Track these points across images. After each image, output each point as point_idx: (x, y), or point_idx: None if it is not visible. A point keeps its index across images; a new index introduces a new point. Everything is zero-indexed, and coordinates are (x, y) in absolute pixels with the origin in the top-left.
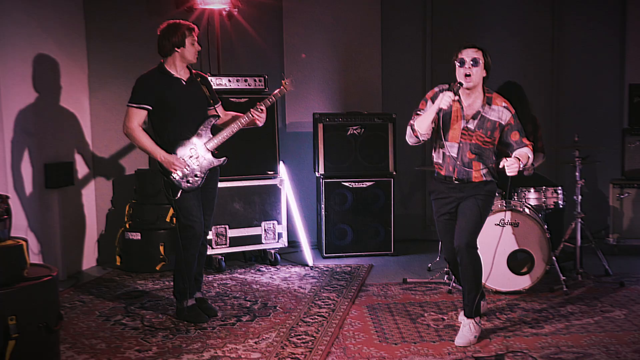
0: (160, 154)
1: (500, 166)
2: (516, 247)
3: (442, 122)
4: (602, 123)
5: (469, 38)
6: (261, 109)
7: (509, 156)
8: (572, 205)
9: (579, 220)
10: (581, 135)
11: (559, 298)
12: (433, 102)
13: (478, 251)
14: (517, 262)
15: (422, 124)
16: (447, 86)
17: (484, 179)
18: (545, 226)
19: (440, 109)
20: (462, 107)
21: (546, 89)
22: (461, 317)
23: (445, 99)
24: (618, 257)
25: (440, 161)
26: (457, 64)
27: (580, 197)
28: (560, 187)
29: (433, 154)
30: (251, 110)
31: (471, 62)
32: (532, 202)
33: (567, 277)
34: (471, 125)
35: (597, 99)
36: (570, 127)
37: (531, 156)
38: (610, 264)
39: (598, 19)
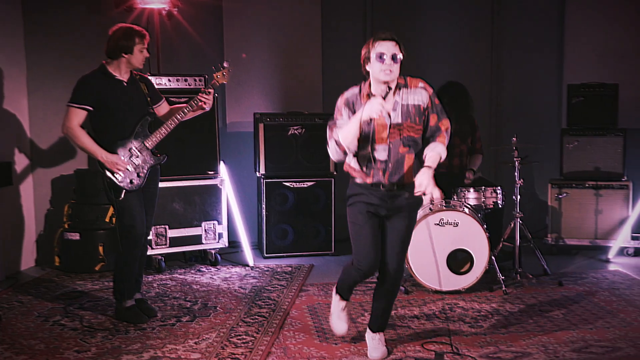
0: (101, 153)
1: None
2: (456, 247)
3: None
4: (541, 123)
5: (410, 37)
6: (209, 92)
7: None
8: (511, 205)
9: (518, 219)
10: (520, 136)
11: (498, 297)
12: (350, 110)
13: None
14: (457, 261)
15: (347, 137)
16: (357, 89)
17: (413, 179)
18: (485, 226)
19: (370, 119)
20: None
21: (485, 89)
22: (370, 333)
23: (375, 107)
24: (556, 257)
25: (365, 168)
26: (375, 57)
27: (519, 197)
28: (499, 187)
29: (350, 162)
30: (199, 95)
31: (392, 58)
32: (472, 202)
33: (506, 276)
34: (398, 120)
35: (536, 99)
36: (510, 128)
37: (443, 154)
38: (548, 263)
39: (537, 19)
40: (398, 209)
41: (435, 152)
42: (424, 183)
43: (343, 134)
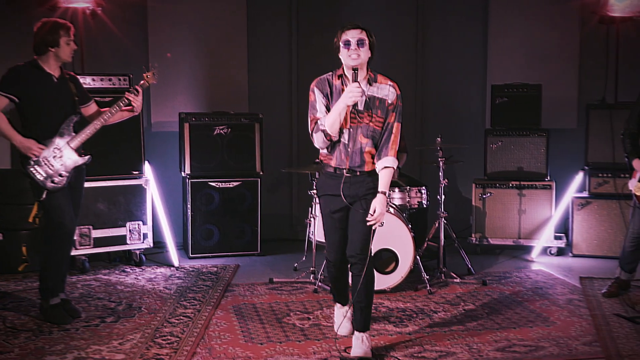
0: (17, 138)
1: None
2: (381, 247)
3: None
4: (466, 123)
5: (335, 35)
6: (137, 91)
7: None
8: (436, 204)
9: (442, 219)
10: (446, 136)
11: (423, 297)
12: (322, 92)
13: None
14: (382, 261)
15: (334, 125)
16: (330, 74)
17: (374, 167)
18: (410, 225)
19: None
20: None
21: (411, 89)
22: (356, 333)
23: (354, 93)
24: (480, 256)
25: (330, 149)
26: (342, 45)
27: (443, 196)
28: (424, 187)
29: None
30: (126, 94)
31: (357, 43)
32: (397, 202)
33: (431, 276)
34: (360, 107)
35: (462, 99)
36: (435, 127)
37: (394, 164)
38: (472, 263)
39: (462, 20)
40: (359, 197)
41: (387, 171)
42: (378, 211)
43: (329, 122)
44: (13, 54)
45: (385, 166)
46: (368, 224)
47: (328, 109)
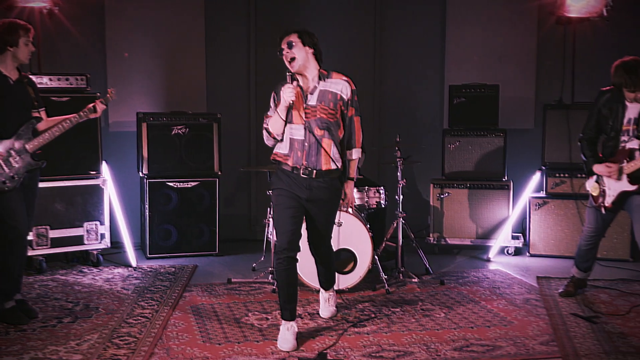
0: None
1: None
2: (339, 246)
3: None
4: (424, 123)
5: None
6: (103, 104)
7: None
8: (394, 204)
9: (401, 219)
10: (404, 136)
11: (381, 297)
12: (277, 95)
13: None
14: (340, 261)
15: (275, 126)
16: (289, 78)
17: (332, 167)
18: (368, 225)
19: (290, 104)
20: (302, 89)
21: (369, 89)
22: (322, 293)
23: (287, 93)
24: (438, 256)
25: (287, 151)
26: (280, 55)
27: (401, 196)
28: (382, 187)
29: (276, 150)
30: (96, 103)
31: (287, 46)
32: (355, 202)
33: (389, 275)
34: (312, 102)
35: (420, 99)
36: (393, 128)
37: (362, 155)
38: (430, 262)
39: (420, 20)
40: (317, 200)
41: (354, 161)
42: (349, 195)
43: (271, 123)
44: None
45: (352, 158)
46: (343, 208)
47: None
